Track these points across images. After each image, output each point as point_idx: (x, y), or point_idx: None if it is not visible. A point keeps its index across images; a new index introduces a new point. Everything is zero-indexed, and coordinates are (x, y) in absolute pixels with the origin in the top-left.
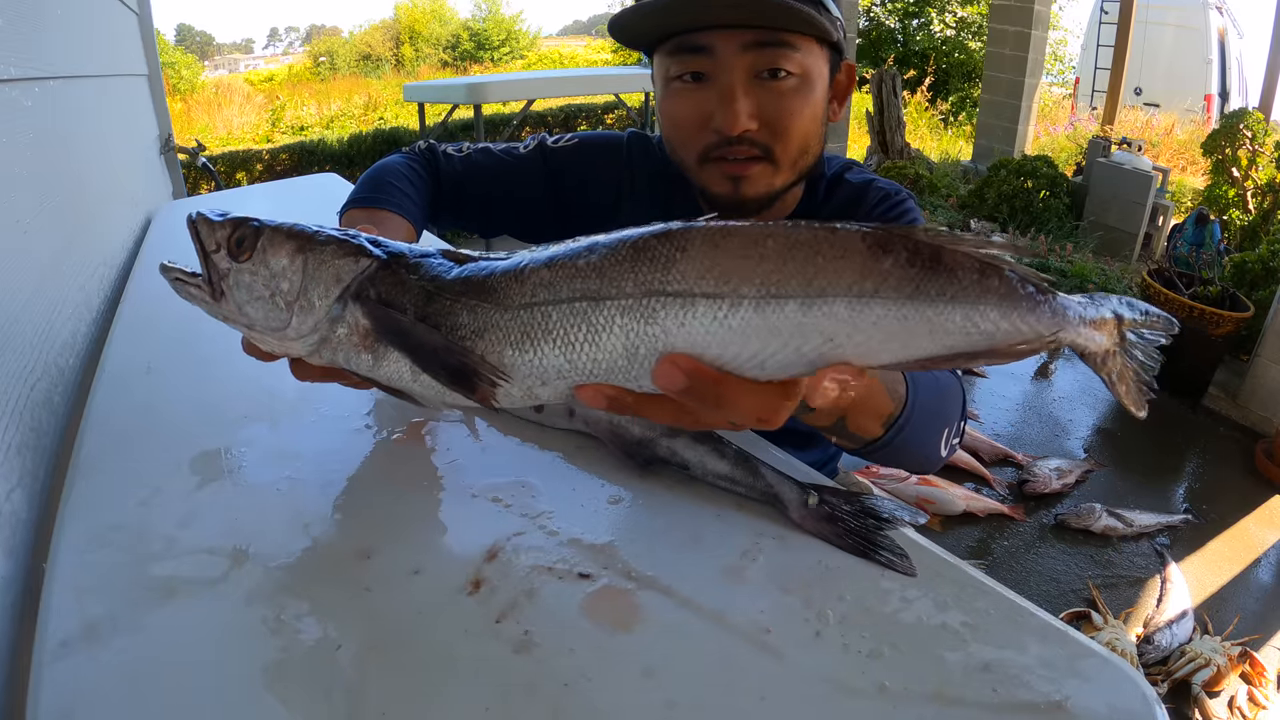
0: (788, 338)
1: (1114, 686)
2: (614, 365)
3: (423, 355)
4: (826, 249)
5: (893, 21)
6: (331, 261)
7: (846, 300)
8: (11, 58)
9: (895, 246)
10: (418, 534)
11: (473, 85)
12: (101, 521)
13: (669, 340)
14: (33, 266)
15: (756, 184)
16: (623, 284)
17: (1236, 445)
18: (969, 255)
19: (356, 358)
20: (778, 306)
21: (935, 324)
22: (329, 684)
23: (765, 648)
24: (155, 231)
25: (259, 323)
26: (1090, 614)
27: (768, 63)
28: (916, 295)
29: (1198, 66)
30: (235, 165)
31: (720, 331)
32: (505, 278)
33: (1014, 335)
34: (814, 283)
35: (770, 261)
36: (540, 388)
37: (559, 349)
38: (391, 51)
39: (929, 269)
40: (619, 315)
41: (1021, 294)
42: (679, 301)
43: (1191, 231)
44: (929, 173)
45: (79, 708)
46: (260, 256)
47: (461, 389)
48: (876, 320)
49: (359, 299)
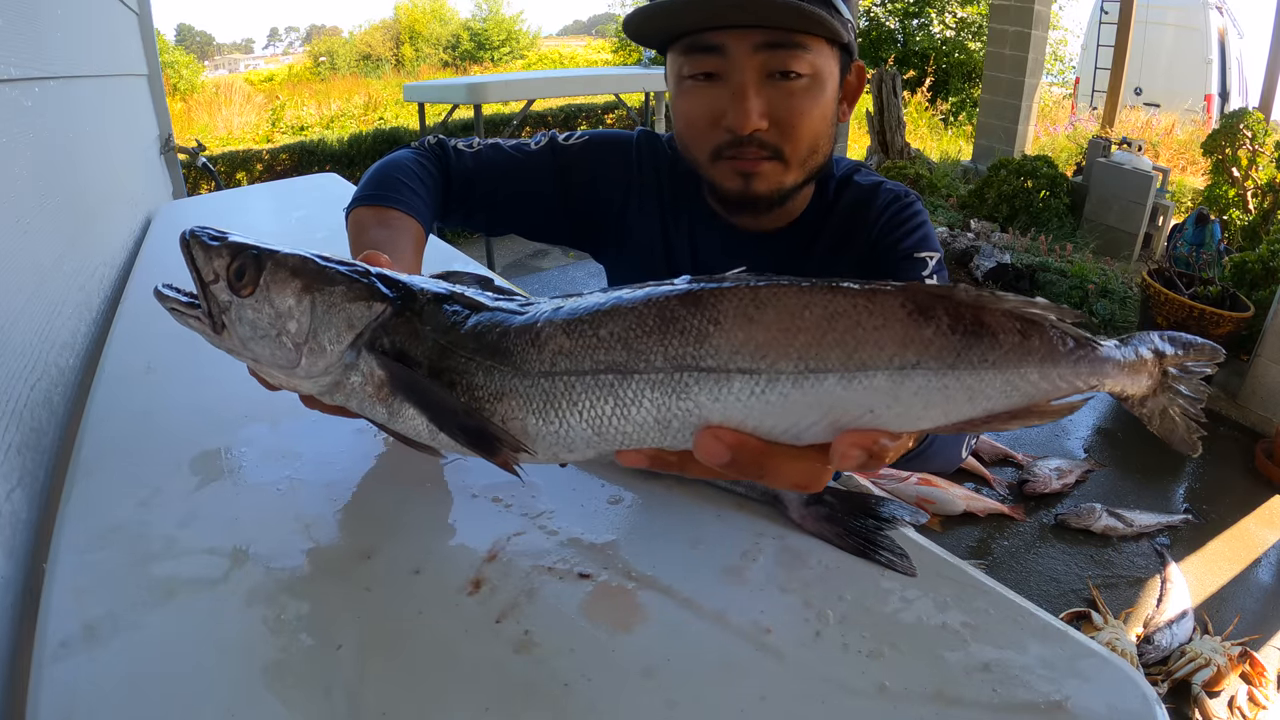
0: (827, 410)
1: (1114, 686)
2: (645, 435)
3: (442, 416)
4: (867, 318)
5: (893, 22)
6: (342, 305)
7: (888, 372)
8: (12, 58)
9: (936, 311)
10: (418, 534)
11: (473, 85)
12: (102, 522)
13: (703, 414)
14: (33, 266)
15: (766, 181)
16: (651, 358)
17: (1236, 445)
18: (1010, 314)
19: (372, 408)
20: (817, 381)
21: (976, 390)
22: (329, 684)
23: (765, 648)
24: (155, 231)
25: (266, 359)
26: (1090, 614)
27: (779, 64)
28: (958, 364)
29: (1198, 66)
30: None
31: (757, 406)
32: (521, 340)
33: (1053, 392)
34: (855, 355)
35: (809, 334)
36: (567, 454)
37: (586, 421)
38: (391, 51)
39: (971, 334)
40: (649, 389)
41: (1062, 350)
42: (713, 377)
43: (1191, 231)
44: (929, 173)
45: (79, 708)
46: (264, 294)
47: (482, 453)
48: (917, 390)
49: (373, 349)
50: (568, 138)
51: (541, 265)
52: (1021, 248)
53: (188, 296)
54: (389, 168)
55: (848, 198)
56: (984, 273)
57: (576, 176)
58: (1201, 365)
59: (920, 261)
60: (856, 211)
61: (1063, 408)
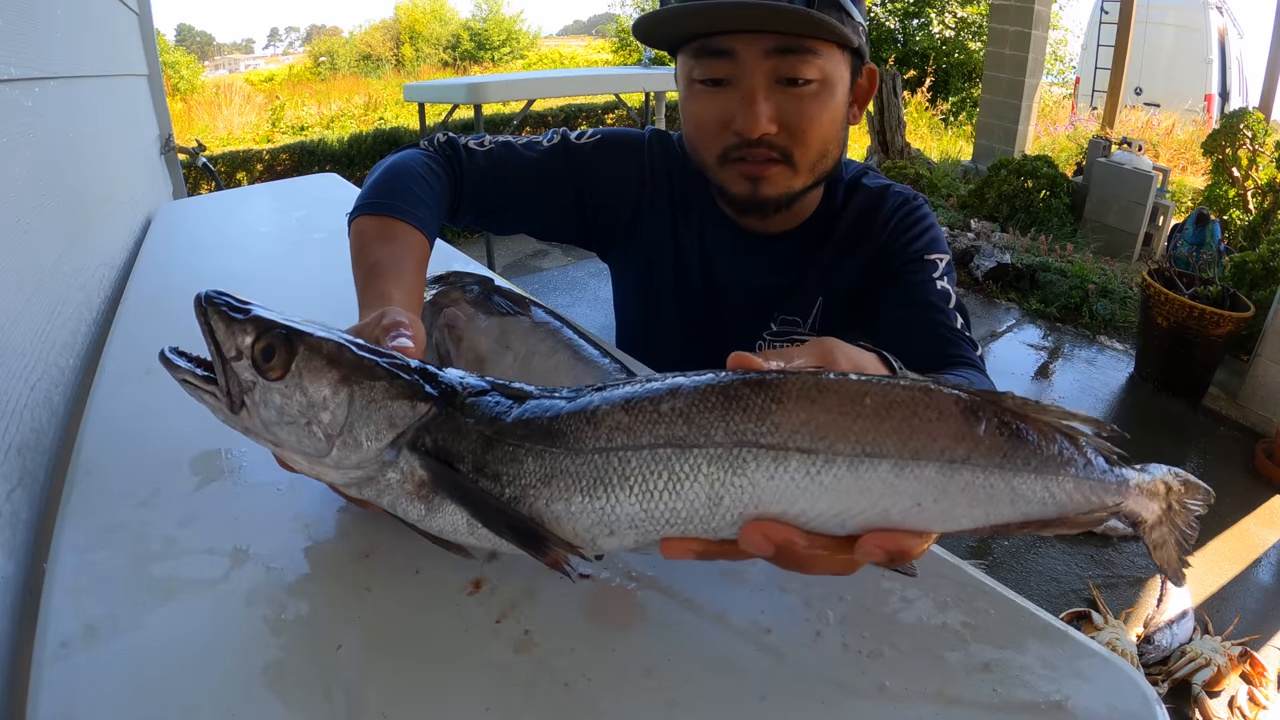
0: (877, 498)
1: (1114, 686)
2: (693, 515)
3: (488, 515)
4: (923, 410)
5: (893, 22)
6: (384, 403)
7: (939, 465)
8: (12, 58)
9: (986, 412)
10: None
11: (473, 85)
12: (102, 522)
13: (755, 492)
14: (33, 267)
15: (775, 185)
16: (712, 432)
17: (1237, 445)
18: (1051, 425)
19: (408, 506)
20: (872, 466)
21: (1018, 493)
22: (329, 683)
23: (765, 648)
24: (155, 232)
25: (291, 445)
26: (1090, 614)
27: (789, 69)
28: (1004, 464)
29: (1198, 66)
30: (235, 165)
31: (811, 487)
32: (575, 420)
33: (1084, 505)
34: (909, 444)
35: (867, 420)
36: (607, 537)
37: (636, 497)
38: (392, 51)
39: (1017, 437)
40: (706, 464)
41: (1095, 465)
42: (772, 454)
43: (1192, 231)
44: (929, 172)
45: (79, 708)
46: (295, 380)
47: (531, 551)
48: (964, 487)
49: (415, 448)
50: (579, 136)
51: (541, 265)
52: (1022, 247)
53: (201, 368)
54: (396, 171)
55: (856, 201)
56: (984, 272)
57: (590, 176)
58: (1197, 503)
59: (930, 264)
60: (865, 215)
61: (1089, 520)
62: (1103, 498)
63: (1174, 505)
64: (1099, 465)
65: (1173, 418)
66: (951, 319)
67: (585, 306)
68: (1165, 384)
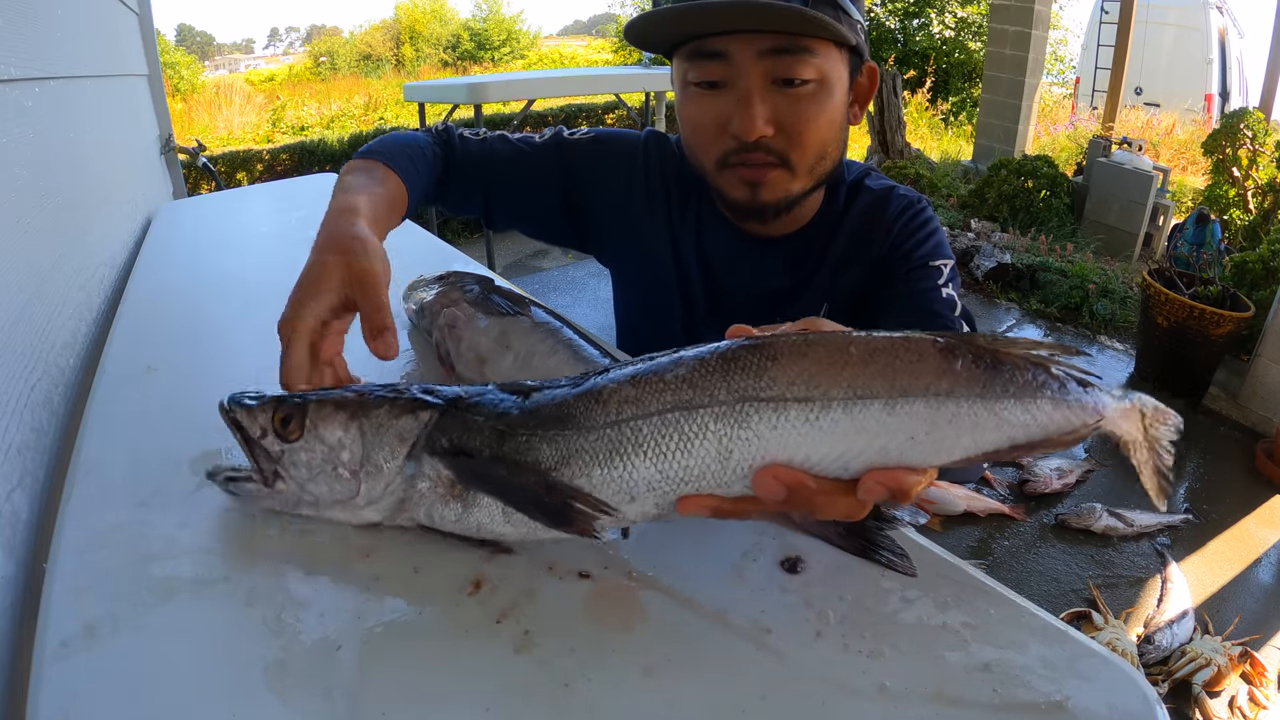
0: (873, 436)
1: (1114, 686)
2: (705, 470)
3: (517, 496)
4: (904, 353)
5: (893, 22)
6: (389, 423)
7: (925, 400)
8: (12, 58)
9: (962, 350)
10: (418, 533)
11: (473, 85)
12: (102, 522)
13: (761, 444)
14: (33, 267)
15: (774, 189)
16: (715, 392)
17: (1237, 445)
18: (1022, 357)
19: (443, 509)
20: (864, 407)
21: (1001, 418)
22: (329, 684)
23: (766, 648)
24: (155, 232)
25: (325, 498)
26: (1091, 614)
27: (785, 70)
28: (985, 393)
29: (1198, 66)
30: (235, 165)
31: (811, 433)
32: (583, 401)
33: (1065, 425)
34: (896, 384)
35: (855, 366)
36: (628, 504)
37: (650, 461)
38: (392, 51)
39: (992, 369)
40: (713, 422)
41: (1069, 387)
42: (772, 406)
43: (1192, 231)
44: (929, 172)
45: (79, 708)
46: (312, 433)
47: (559, 524)
48: (951, 417)
49: (433, 452)
50: (574, 134)
51: (541, 265)
52: (1022, 248)
53: (236, 471)
54: (392, 138)
55: (860, 203)
56: (984, 272)
57: (578, 172)
58: (1169, 428)
59: (935, 270)
60: (870, 218)
61: (1073, 439)
62: (1082, 417)
63: (1149, 429)
64: (1073, 388)
65: None
66: (956, 327)
67: (585, 306)
68: (1165, 384)
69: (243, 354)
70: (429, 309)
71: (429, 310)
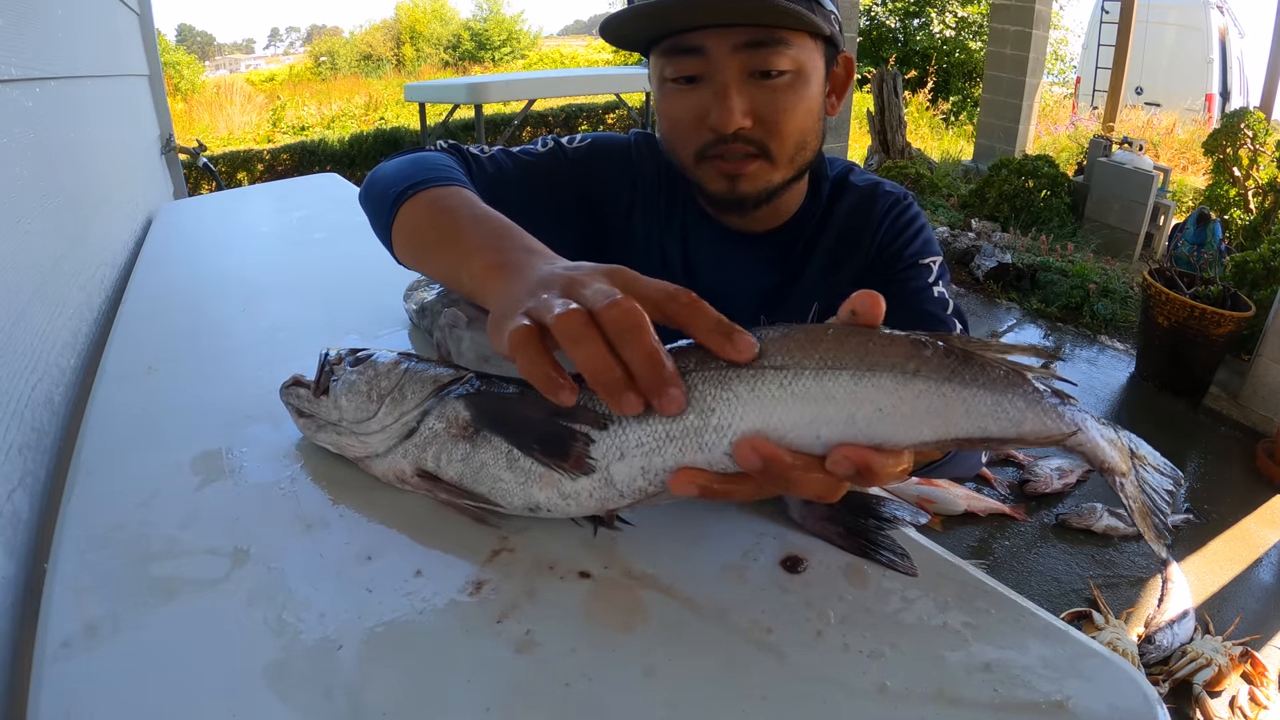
0: (841, 404)
1: (1115, 686)
2: (688, 429)
3: (521, 432)
4: (876, 337)
5: (893, 21)
6: (431, 369)
7: (892, 375)
8: (13, 58)
9: (933, 342)
10: (419, 535)
11: (473, 85)
12: (103, 522)
13: (740, 405)
14: (34, 267)
15: (754, 181)
16: (707, 361)
17: (1238, 445)
18: (996, 360)
19: (451, 449)
20: (833, 375)
21: (970, 405)
22: (330, 684)
23: (766, 647)
24: (156, 232)
25: (347, 416)
26: (1091, 614)
27: (760, 62)
28: (953, 378)
29: (1199, 66)
30: (236, 165)
31: (784, 397)
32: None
33: (1039, 427)
34: (865, 359)
35: (828, 342)
36: (618, 462)
37: (639, 417)
38: (392, 51)
39: (962, 360)
40: (699, 384)
41: (1045, 393)
42: (750, 370)
43: (1193, 231)
44: (930, 172)
45: (80, 708)
46: (370, 363)
47: (556, 458)
48: (919, 394)
49: (458, 396)
50: (571, 141)
51: None
52: (1022, 247)
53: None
54: (418, 158)
55: (847, 200)
56: (985, 272)
57: (586, 180)
58: (1164, 479)
59: (925, 269)
60: (857, 215)
61: (1047, 440)
62: (1057, 423)
63: (1140, 469)
64: (1048, 394)
65: (1174, 417)
66: (951, 326)
67: None
68: (1166, 384)
69: (244, 354)
70: (430, 309)
71: (430, 310)
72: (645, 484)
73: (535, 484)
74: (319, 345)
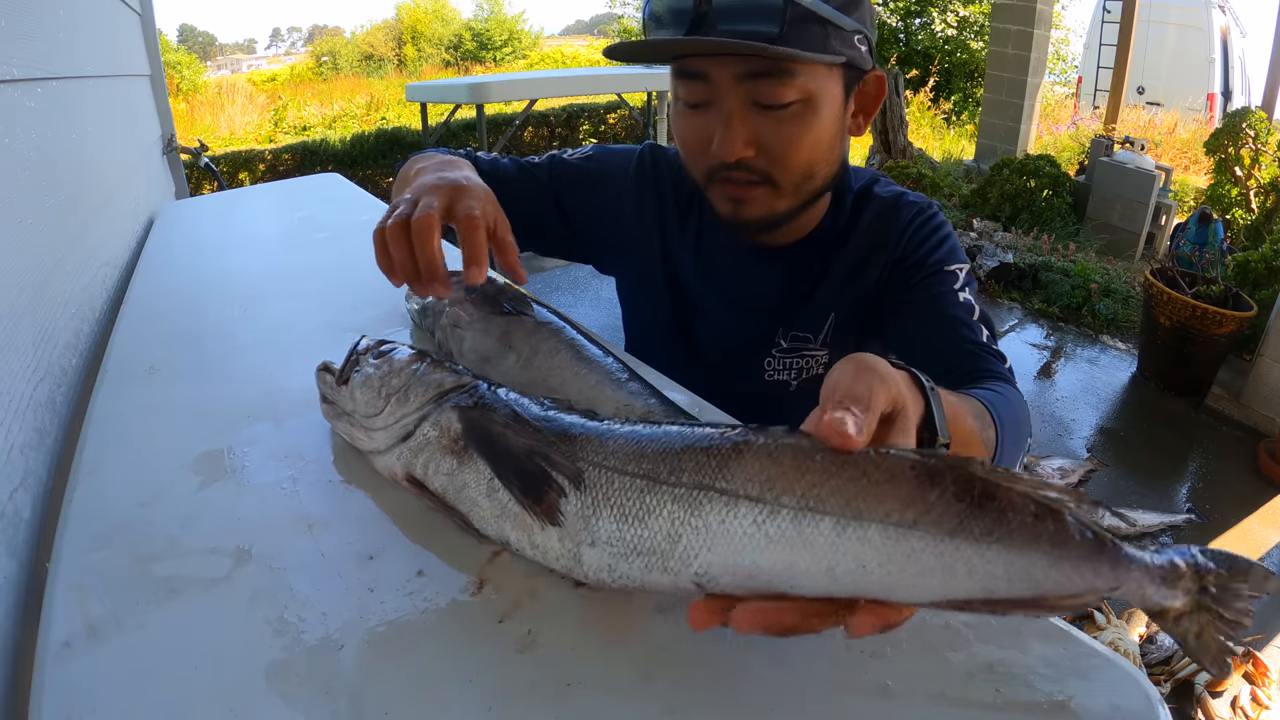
0: (821, 554)
1: (1117, 686)
2: (655, 547)
3: (502, 459)
4: (873, 470)
5: (894, 21)
6: (437, 374)
7: (882, 527)
8: (15, 58)
9: (945, 478)
10: (421, 535)
11: (475, 85)
12: (104, 521)
13: (710, 536)
14: (35, 266)
15: (756, 207)
16: (681, 475)
17: (1240, 445)
18: (1024, 495)
19: (439, 461)
20: (813, 522)
21: (975, 566)
22: (332, 684)
23: (767, 648)
24: (157, 232)
25: (360, 409)
26: (1093, 614)
27: (765, 95)
28: (958, 532)
29: (1200, 65)
30: (238, 165)
31: (757, 536)
32: (588, 432)
33: (1064, 586)
34: (852, 504)
35: (814, 475)
36: (588, 548)
37: (613, 517)
38: (394, 51)
39: (977, 505)
40: (670, 502)
41: (1078, 540)
42: (725, 499)
43: (1194, 231)
44: (931, 172)
45: (81, 707)
46: (387, 359)
47: (530, 498)
48: (912, 553)
49: (454, 406)
50: (572, 155)
51: (544, 265)
52: (1024, 247)
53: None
54: (431, 151)
55: (870, 211)
56: (986, 272)
57: (576, 187)
58: (1240, 586)
59: (950, 275)
60: (879, 225)
61: (1077, 602)
62: (1090, 579)
63: (1211, 590)
64: (1084, 540)
65: (1175, 417)
66: (976, 332)
67: (588, 306)
68: (1168, 384)
69: (245, 354)
70: (431, 309)
71: (431, 310)
72: (611, 581)
73: (509, 521)
74: (320, 345)
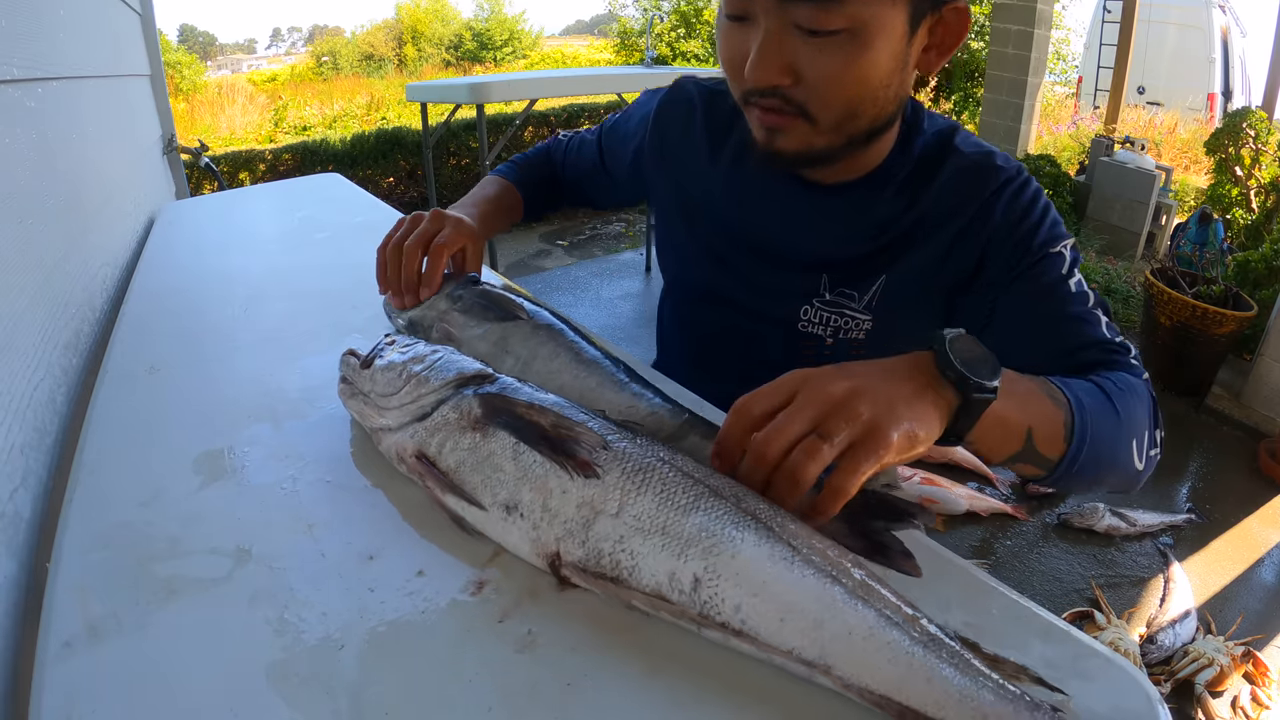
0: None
1: (1117, 686)
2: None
3: (529, 430)
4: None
5: None
6: (461, 362)
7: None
8: (15, 58)
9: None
10: (421, 534)
11: (475, 85)
12: (104, 521)
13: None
14: (36, 266)
15: (790, 139)
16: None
17: (1240, 445)
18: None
19: (459, 438)
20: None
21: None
22: (332, 684)
23: None
24: (158, 232)
25: (378, 388)
26: (1093, 613)
27: (807, 19)
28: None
29: (1201, 65)
30: (238, 165)
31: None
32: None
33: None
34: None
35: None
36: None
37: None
38: (394, 51)
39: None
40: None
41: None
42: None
43: (1195, 230)
44: None
45: (82, 707)
46: (413, 347)
47: (562, 456)
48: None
49: (476, 394)
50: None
51: (544, 265)
52: None
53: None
54: (537, 154)
55: (949, 168)
56: None
57: (611, 145)
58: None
59: (1058, 257)
60: (962, 188)
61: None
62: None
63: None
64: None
65: (1175, 417)
66: (1095, 325)
67: (587, 306)
68: (1168, 383)
69: (246, 354)
70: (418, 323)
71: (418, 324)
72: (597, 561)
73: (528, 484)
74: (321, 345)
